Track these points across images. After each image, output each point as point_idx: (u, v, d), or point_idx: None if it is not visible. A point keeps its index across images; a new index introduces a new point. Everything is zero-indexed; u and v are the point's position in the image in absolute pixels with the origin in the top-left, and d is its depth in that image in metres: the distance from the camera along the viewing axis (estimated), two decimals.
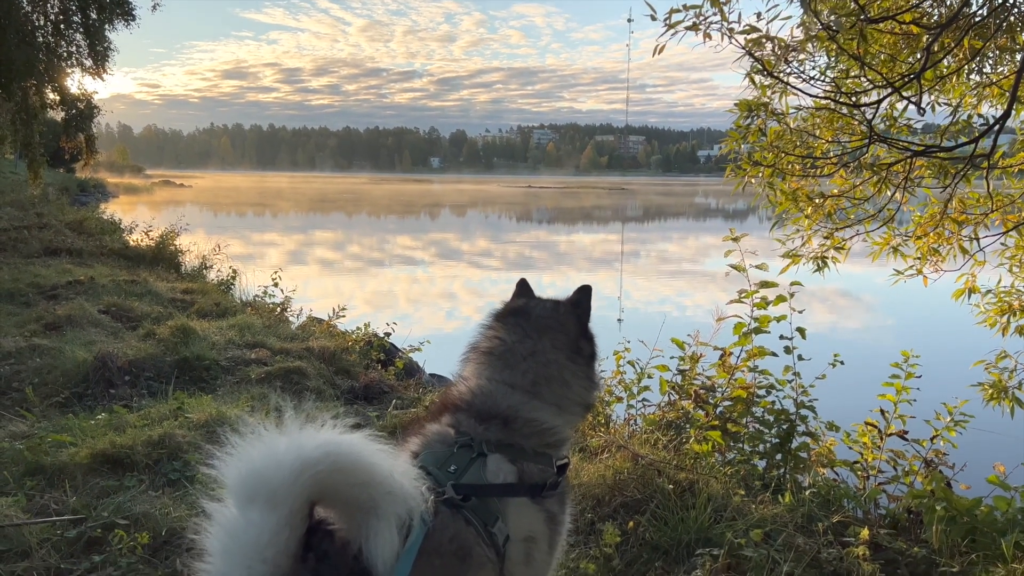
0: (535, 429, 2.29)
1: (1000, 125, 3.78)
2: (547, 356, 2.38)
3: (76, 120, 19.96)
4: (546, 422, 2.31)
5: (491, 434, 2.24)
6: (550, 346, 2.40)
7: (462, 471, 2.13)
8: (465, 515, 2.03)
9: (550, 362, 2.37)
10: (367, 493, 1.81)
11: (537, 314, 2.47)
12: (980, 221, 4.75)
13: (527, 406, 2.31)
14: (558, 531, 2.28)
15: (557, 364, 2.38)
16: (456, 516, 2.02)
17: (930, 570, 3.75)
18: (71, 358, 6.84)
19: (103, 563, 3.61)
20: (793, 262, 5.23)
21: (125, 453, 4.70)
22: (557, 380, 2.37)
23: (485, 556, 2.04)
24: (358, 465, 1.79)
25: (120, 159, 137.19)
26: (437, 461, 2.16)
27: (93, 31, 18.32)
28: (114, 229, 19.56)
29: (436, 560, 1.94)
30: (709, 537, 3.76)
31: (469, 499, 2.06)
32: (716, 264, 17.62)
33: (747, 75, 4.21)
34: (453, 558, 1.98)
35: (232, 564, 1.75)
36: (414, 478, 1.89)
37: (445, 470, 2.12)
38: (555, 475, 2.27)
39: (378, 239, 38.79)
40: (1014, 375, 5.23)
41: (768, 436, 5.36)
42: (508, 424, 2.27)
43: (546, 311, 2.48)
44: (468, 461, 2.16)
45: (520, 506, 2.17)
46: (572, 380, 2.40)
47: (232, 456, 1.80)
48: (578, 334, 2.45)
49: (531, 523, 2.18)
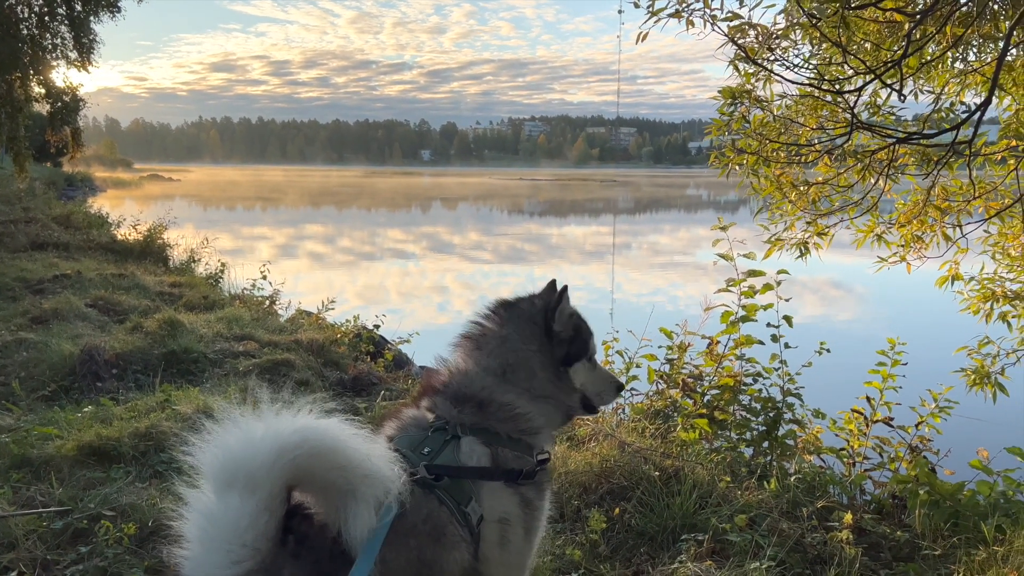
0: (509, 414, 2.32)
1: (981, 112, 3.80)
2: (516, 344, 2.42)
3: (62, 113, 19.83)
4: (519, 407, 2.34)
5: (465, 417, 2.29)
6: (520, 335, 2.44)
7: (436, 453, 2.17)
8: (438, 495, 2.07)
9: (518, 350, 2.41)
10: (344, 476, 1.83)
11: (518, 307, 2.51)
12: (963, 208, 4.78)
13: (500, 390, 2.35)
14: (534, 516, 2.30)
15: (524, 352, 2.41)
16: (429, 496, 2.06)
17: (913, 554, 3.79)
18: (57, 351, 6.81)
19: (89, 554, 3.60)
20: (776, 246, 5.26)
21: (112, 445, 4.69)
22: (524, 368, 2.40)
23: (459, 535, 2.08)
24: (335, 449, 1.81)
25: (108, 153, 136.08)
26: (411, 444, 2.21)
27: (78, 23, 18.18)
28: (101, 223, 19.45)
29: (411, 540, 1.97)
30: (694, 523, 3.78)
31: (441, 479, 2.10)
32: (707, 255, 17.72)
33: (730, 62, 4.22)
34: (427, 537, 2.02)
35: (212, 549, 1.77)
36: (390, 461, 1.92)
37: (419, 452, 2.17)
38: (534, 465, 2.30)
39: (370, 232, 38.71)
40: (996, 361, 5.28)
41: (755, 424, 5.40)
42: (482, 407, 2.31)
43: (526, 304, 2.52)
44: (442, 443, 2.20)
45: (494, 488, 2.21)
46: (539, 371, 2.41)
47: (209, 443, 1.82)
48: (547, 331, 2.45)
49: (505, 505, 2.21)
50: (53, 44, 18.66)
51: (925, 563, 3.67)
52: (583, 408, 2.57)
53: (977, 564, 3.49)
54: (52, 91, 19.78)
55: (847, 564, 3.50)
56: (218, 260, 13.74)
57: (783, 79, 3.97)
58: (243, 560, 1.75)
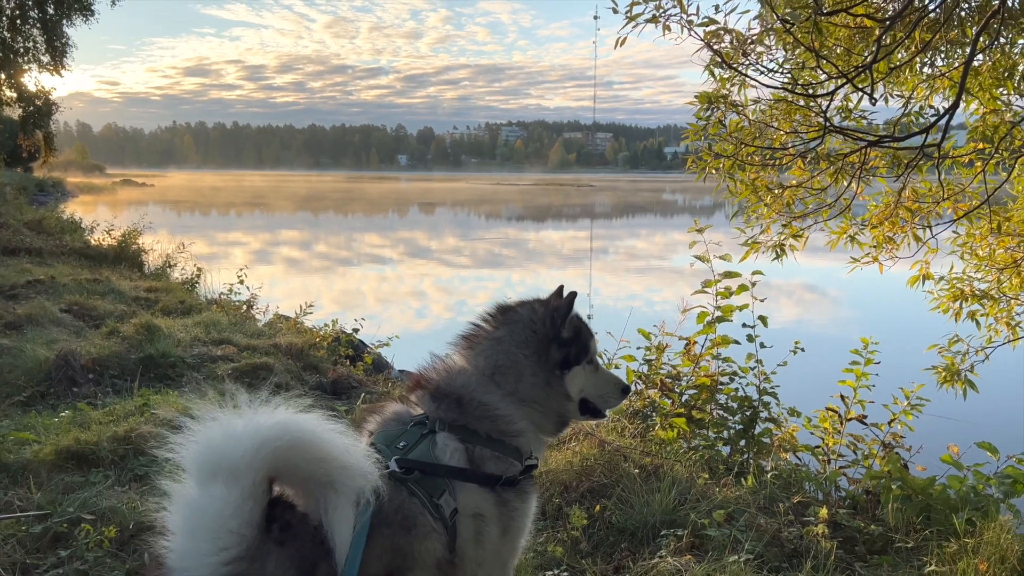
0: (487, 413, 2.35)
1: (950, 116, 3.91)
2: (508, 347, 2.45)
3: (34, 117, 19.55)
4: (499, 408, 2.37)
5: (443, 413, 2.34)
6: (513, 339, 2.46)
7: (410, 447, 2.23)
8: (409, 487, 2.13)
9: (510, 352, 2.44)
10: (323, 468, 1.91)
11: (517, 311, 2.54)
12: (932, 210, 4.89)
13: (482, 389, 2.39)
14: (512, 517, 2.33)
15: (516, 356, 2.44)
16: (400, 488, 2.11)
17: (886, 546, 3.87)
18: (32, 357, 6.74)
19: (70, 558, 3.59)
20: (752, 249, 5.35)
21: (90, 449, 4.66)
22: (512, 371, 2.42)
23: (430, 526, 2.13)
24: (313, 441, 1.88)
25: (79, 158, 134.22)
26: (388, 439, 2.27)
27: (50, 26, 17.96)
28: (75, 228, 19.23)
29: (385, 530, 2.03)
30: (674, 519, 3.84)
31: (412, 472, 2.15)
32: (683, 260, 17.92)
33: (706, 67, 4.30)
34: (399, 528, 2.07)
35: (198, 537, 1.81)
36: (367, 454, 2.00)
37: (394, 446, 2.23)
38: (518, 470, 2.33)
39: (347, 237, 38.55)
40: (966, 358, 5.40)
41: (732, 422, 5.48)
42: (461, 404, 2.36)
43: (526, 310, 2.54)
44: (418, 438, 2.26)
45: (468, 484, 2.25)
46: (528, 376, 2.43)
47: (191, 438, 1.88)
48: (548, 336, 2.46)
49: (478, 502, 2.25)
50: (25, 47, 18.42)
51: (898, 555, 3.76)
52: (587, 413, 2.55)
53: (948, 555, 3.57)
54: (24, 95, 19.52)
55: (823, 557, 3.57)
56: (194, 265, 13.63)
57: (758, 83, 4.06)
58: (229, 547, 1.79)
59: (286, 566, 1.87)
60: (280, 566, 1.86)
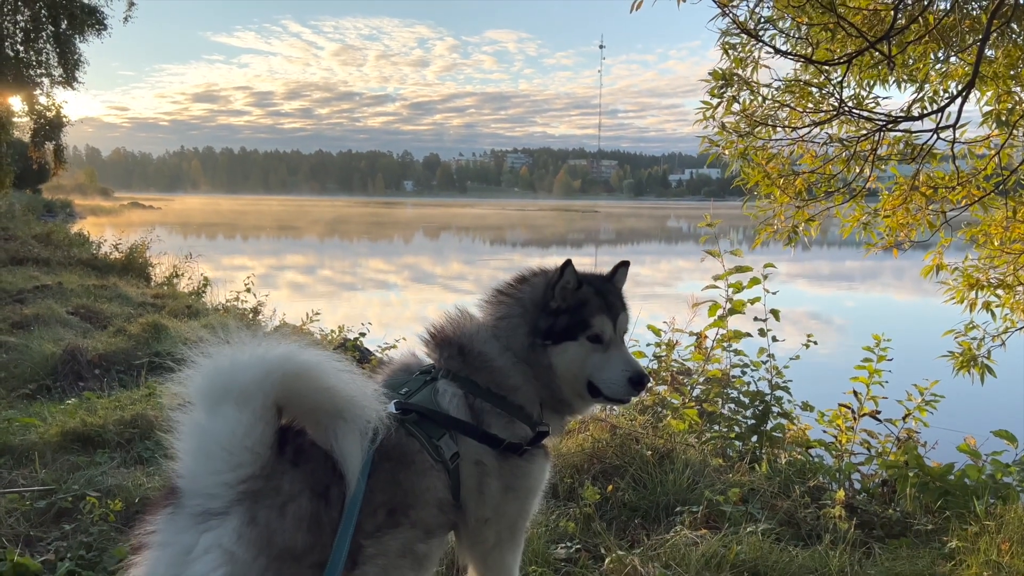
0: (484, 363, 2.36)
1: (964, 98, 3.90)
2: (512, 307, 2.46)
3: (45, 130, 19.71)
4: (496, 361, 2.36)
5: (446, 361, 2.38)
6: (519, 300, 2.47)
7: (412, 393, 2.28)
8: (407, 427, 2.16)
9: (512, 310, 2.45)
10: (330, 398, 1.92)
11: (536, 276, 2.54)
12: (946, 197, 4.87)
13: (481, 340, 2.40)
14: (515, 475, 2.31)
15: (515, 309, 2.45)
16: (398, 429, 2.13)
17: (904, 531, 3.80)
18: (39, 352, 6.73)
19: (74, 531, 3.54)
20: (767, 232, 5.32)
21: (96, 431, 4.62)
22: (509, 327, 2.42)
23: (429, 463, 2.15)
24: (317, 370, 1.90)
25: (88, 181, 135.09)
26: (393, 386, 2.32)
27: (63, 40, 18.16)
28: (82, 242, 19.28)
29: (386, 464, 2.05)
30: (687, 499, 3.78)
31: (409, 414, 2.19)
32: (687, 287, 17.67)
33: (720, 37, 4.30)
34: (399, 463, 2.10)
35: (211, 459, 1.81)
36: (371, 388, 2.02)
37: (397, 392, 2.28)
38: (527, 434, 2.32)
39: (351, 262, 38.57)
40: (983, 344, 5.34)
41: (743, 417, 5.40)
42: (463, 353, 2.38)
43: (541, 276, 2.52)
44: (421, 384, 2.32)
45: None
46: (519, 331, 2.41)
47: (198, 368, 1.88)
48: (539, 304, 2.42)
49: (480, 451, 2.26)
50: (38, 61, 18.62)
51: (917, 538, 3.69)
52: (598, 396, 2.41)
53: (970, 536, 3.50)
54: (35, 108, 19.69)
55: (841, 536, 3.50)
56: (201, 274, 13.65)
57: (775, 50, 4.02)
58: (244, 464, 1.78)
59: (301, 486, 1.85)
60: (295, 485, 1.84)
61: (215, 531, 1.74)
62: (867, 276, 25.92)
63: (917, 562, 3.33)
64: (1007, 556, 3.25)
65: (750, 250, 5.35)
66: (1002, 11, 4.22)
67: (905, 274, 23.50)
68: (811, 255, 30.83)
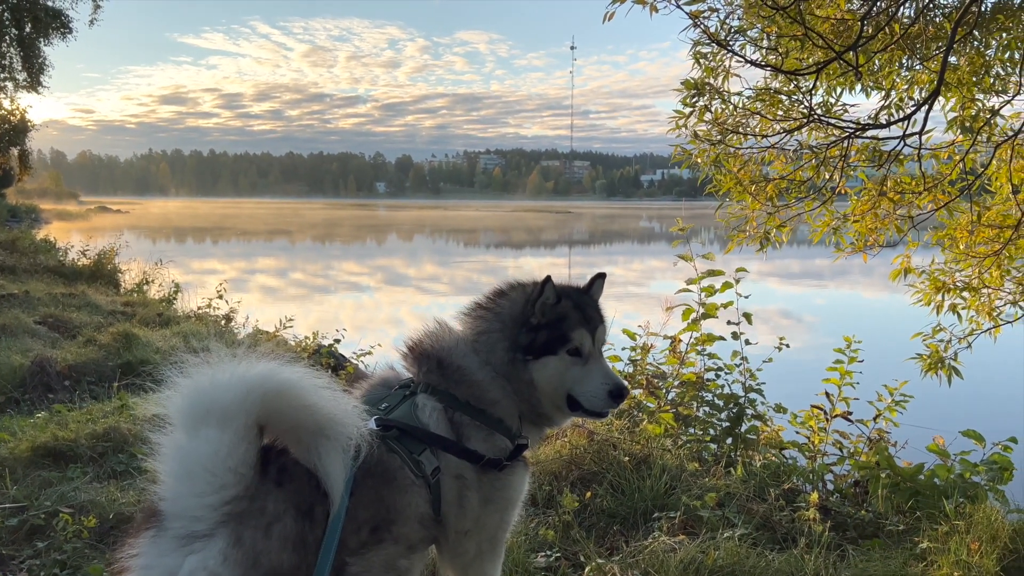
0: (463, 378, 2.37)
1: (930, 105, 3.99)
2: (492, 321, 2.47)
3: (9, 135, 19.33)
4: (475, 375, 2.38)
5: (425, 375, 2.39)
6: (498, 314, 2.49)
7: (392, 408, 2.29)
8: (388, 444, 2.16)
9: (492, 325, 2.47)
10: (311, 416, 1.93)
11: (516, 290, 2.55)
12: (912, 202, 4.97)
13: (460, 354, 2.41)
14: (494, 488, 2.32)
15: (495, 329, 2.46)
16: (380, 445, 2.13)
17: (877, 531, 3.87)
18: (6, 363, 6.61)
19: (47, 549, 3.49)
20: (737, 239, 5.38)
21: (68, 446, 4.55)
22: (488, 342, 2.43)
23: (410, 480, 2.16)
24: (299, 389, 1.91)
25: (53, 185, 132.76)
26: (372, 401, 2.34)
27: (27, 44, 17.82)
28: (49, 248, 18.96)
29: (369, 480, 2.06)
30: (665, 504, 3.82)
31: (390, 430, 2.20)
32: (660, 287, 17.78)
33: (692, 47, 4.36)
34: (381, 479, 2.11)
35: (194, 480, 1.79)
36: (352, 405, 2.04)
37: (377, 408, 2.29)
38: (507, 447, 2.34)
39: (324, 265, 38.32)
40: (949, 346, 5.45)
41: (718, 420, 5.46)
42: (441, 367, 2.39)
43: (519, 291, 2.54)
44: (400, 399, 2.32)
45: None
46: (499, 346, 2.42)
47: (178, 389, 1.89)
48: (518, 320, 2.44)
49: (460, 464, 2.27)
50: (1, 65, 18.26)
51: (889, 538, 3.76)
52: (577, 410, 2.44)
53: (940, 536, 3.57)
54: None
55: (815, 539, 3.56)
56: (172, 281, 13.47)
57: (745, 59, 4.09)
58: (227, 485, 1.78)
59: (285, 506, 1.85)
60: (280, 505, 1.85)
61: (200, 553, 1.74)
62: (836, 274, 26.28)
63: (890, 563, 3.40)
64: (976, 556, 3.33)
65: (723, 254, 5.40)
66: (966, 19, 4.32)
67: (874, 272, 23.92)
68: (781, 254, 31.23)
